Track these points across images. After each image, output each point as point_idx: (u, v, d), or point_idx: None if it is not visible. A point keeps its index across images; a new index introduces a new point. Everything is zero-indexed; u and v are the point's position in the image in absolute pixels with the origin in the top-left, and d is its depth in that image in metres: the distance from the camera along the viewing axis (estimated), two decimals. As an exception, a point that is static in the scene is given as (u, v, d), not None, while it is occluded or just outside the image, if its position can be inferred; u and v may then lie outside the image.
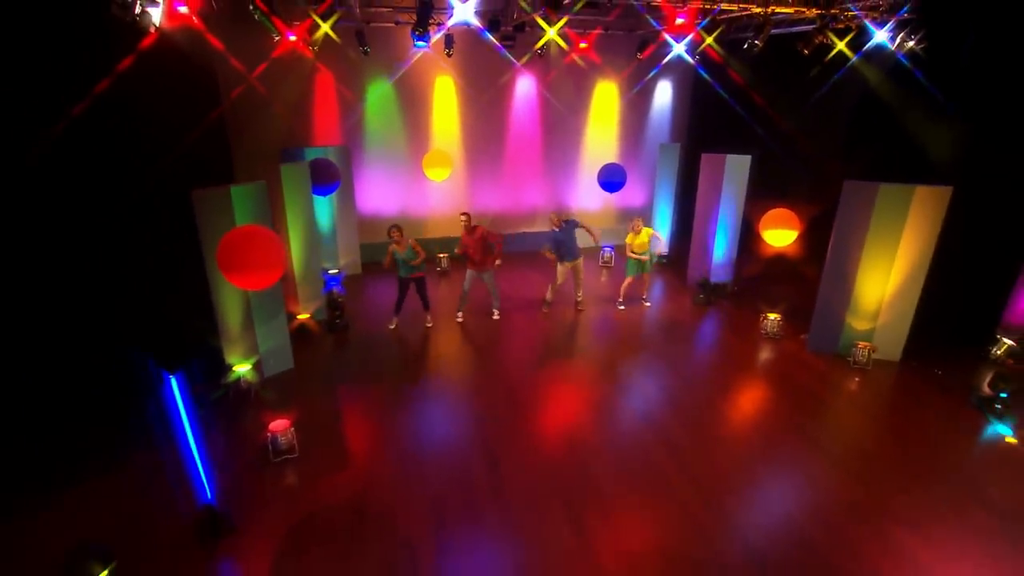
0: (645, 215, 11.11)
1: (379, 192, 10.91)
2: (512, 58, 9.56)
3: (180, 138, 6.77)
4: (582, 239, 8.41)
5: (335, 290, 8.75)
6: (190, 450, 3.89)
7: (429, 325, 8.08)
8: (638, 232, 8.33)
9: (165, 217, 6.08)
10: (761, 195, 8.63)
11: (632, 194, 12.05)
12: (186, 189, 5.65)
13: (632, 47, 10.45)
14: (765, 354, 7.37)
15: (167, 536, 4.20)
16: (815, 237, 8.46)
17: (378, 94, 10.31)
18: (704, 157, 8.99)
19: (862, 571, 3.98)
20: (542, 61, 10.58)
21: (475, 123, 11.01)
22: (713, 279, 9.22)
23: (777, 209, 7.50)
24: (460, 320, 8.26)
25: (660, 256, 11.03)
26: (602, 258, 10.81)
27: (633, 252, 8.40)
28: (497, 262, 7.93)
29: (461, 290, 8.17)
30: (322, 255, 9.84)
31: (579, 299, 8.77)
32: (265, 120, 9.62)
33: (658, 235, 8.77)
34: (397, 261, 7.56)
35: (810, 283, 8.45)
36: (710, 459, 5.20)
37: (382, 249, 10.67)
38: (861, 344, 6.85)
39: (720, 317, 8.61)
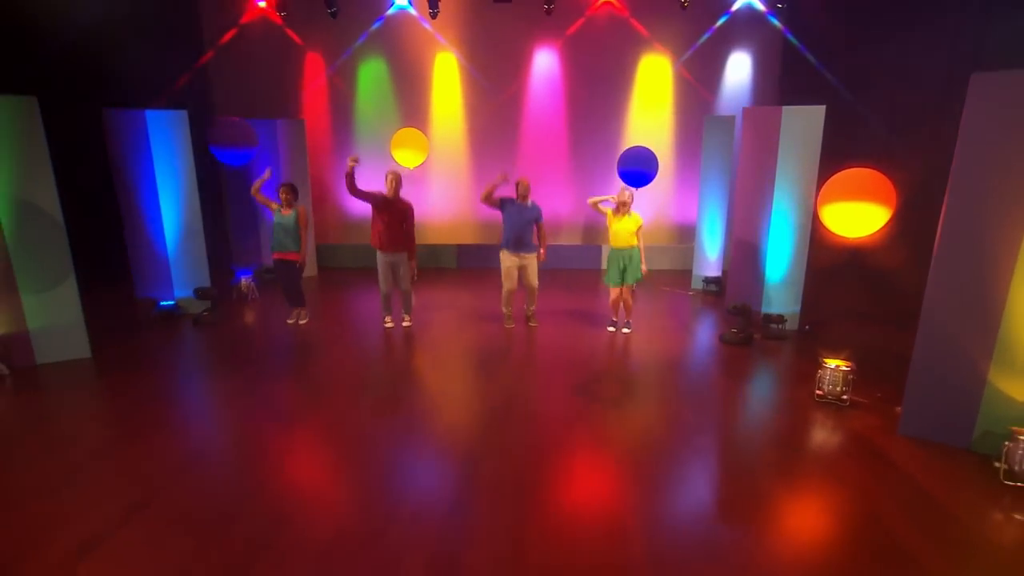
0: (689, 227, 7.91)
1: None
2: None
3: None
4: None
5: (244, 281, 7.08)
6: None
7: (303, 322, 6.13)
8: (623, 212, 5.40)
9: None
10: (841, 164, 5.23)
11: (686, 197, 8.97)
12: None
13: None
14: (818, 438, 3.84)
15: None
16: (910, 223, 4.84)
17: (368, 71, 8.87)
18: (745, 112, 5.79)
19: None
20: (560, 25, 8.38)
21: (482, 107, 8.98)
22: (763, 308, 5.81)
23: (852, 169, 4.24)
24: (388, 326, 5.97)
25: (706, 281, 7.64)
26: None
27: (615, 242, 5.48)
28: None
29: (379, 286, 5.85)
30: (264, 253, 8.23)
31: (530, 312, 6.06)
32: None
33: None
34: (276, 228, 5.68)
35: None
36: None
37: (344, 252, 8.96)
38: None
39: (753, 365, 5.08)
